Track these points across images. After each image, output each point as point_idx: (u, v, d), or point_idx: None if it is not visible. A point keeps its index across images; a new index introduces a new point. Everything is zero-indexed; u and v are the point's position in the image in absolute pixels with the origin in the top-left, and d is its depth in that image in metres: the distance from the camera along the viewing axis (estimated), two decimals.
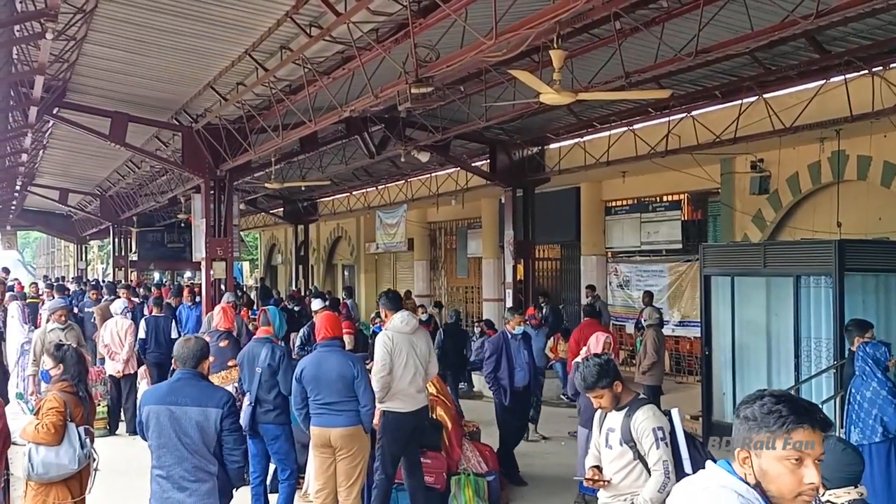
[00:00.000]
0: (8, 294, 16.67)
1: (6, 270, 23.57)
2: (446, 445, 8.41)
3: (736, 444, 2.52)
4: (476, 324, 18.40)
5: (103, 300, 15.76)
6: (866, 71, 10.59)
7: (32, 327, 12.21)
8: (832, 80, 11.06)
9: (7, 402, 7.20)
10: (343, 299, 20.52)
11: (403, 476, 7.72)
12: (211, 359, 9.36)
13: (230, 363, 9.01)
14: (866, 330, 8.14)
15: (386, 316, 7.67)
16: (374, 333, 14.29)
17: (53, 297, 17.32)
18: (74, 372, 5.79)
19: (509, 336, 9.91)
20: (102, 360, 12.62)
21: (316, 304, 13.49)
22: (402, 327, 7.53)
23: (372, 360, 8.27)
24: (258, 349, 7.86)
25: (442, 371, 9.99)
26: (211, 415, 5.32)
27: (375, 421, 7.43)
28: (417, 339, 7.58)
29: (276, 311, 9.01)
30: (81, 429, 5.59)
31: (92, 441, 5.81)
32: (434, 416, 8.47)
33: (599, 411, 5.28)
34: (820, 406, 2.53)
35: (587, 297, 17.53)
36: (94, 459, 5.69)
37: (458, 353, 14.63)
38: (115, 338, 12.31)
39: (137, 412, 5.64)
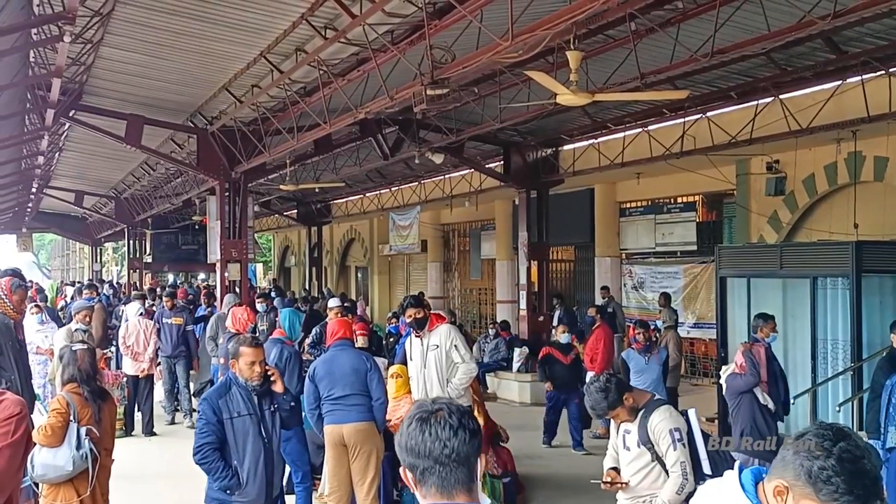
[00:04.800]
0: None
1: (14, 272, 23.59)
2: None
3: (777, 472, 2.31)
4: (490, 325, 18.37)
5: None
6: (883, 71, 10.54)
7: (54, 325, 12.22)
8: (849, 80, 11.01)
9: (34, 401, 7.22)
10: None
11: None
12: (222, 360, 9.45)
13: None
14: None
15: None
16: (390, 334, 14.33)
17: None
18: (72, 372, 5.77)
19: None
20: (118, 363, 12.67)
21: (332, 302, 13.50)
22: None
23: (389, 361, 8.28)
24: (269, 350, 7.90)
25: None
26: None
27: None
28: None
29: (289, 312, 9.05)
30: (84, 429, 5.58)
31: (111, 442, 5.82)
32: None
33: None
34: (876, 476, 2.27)
35: (602, 299, 17.49)
36: (96, 459, 5.66)
37: None
38: (141, 337, 12.35)
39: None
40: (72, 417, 5.55)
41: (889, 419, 7.41)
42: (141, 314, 12.94)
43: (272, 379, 5.55)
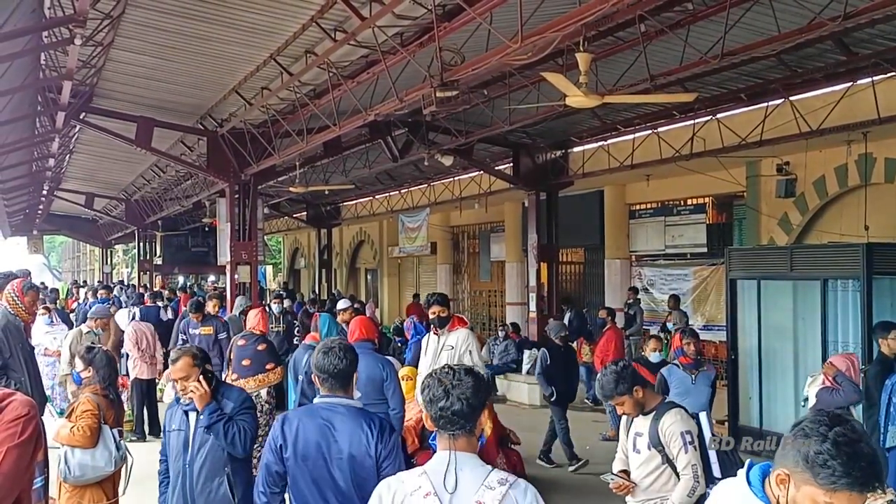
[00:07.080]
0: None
1: (25, 273, 23.67)
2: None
3: (779, 462, 2.37)
4: (500, 327, 18.36)
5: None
6: (894, 73, 10.50)
7: (64, 327, 12.27)
8: (859, 82, 10.98)
9: (45, 403, 7.25)
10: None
11: None
12: (246, 361, 9.42)
13: (268, 367, 9.14)
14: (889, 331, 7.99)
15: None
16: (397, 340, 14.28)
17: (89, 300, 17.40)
18: (104, 374, 5.83)
19: None
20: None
21: (342, 304, 13.48)
22: None
23: (400, 363, 8.28)
24: (301, 356, 7.83)
25: None
26: None
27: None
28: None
29: (327, 318, 8.93)
30: (115, 431, 5.65)
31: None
32: None
33: (626, 416, 5.24)
34: (879, 463, 2.32)
35: (628, 300, 17.47)
36: (130, 460, 5.73)
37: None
38: (151, 341, 12.28)
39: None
40: (101, 419, 5.61)
41: (889, 418, 7.37)
42: (133, 318, 12.92)
43: (189, 395, 4.74)
